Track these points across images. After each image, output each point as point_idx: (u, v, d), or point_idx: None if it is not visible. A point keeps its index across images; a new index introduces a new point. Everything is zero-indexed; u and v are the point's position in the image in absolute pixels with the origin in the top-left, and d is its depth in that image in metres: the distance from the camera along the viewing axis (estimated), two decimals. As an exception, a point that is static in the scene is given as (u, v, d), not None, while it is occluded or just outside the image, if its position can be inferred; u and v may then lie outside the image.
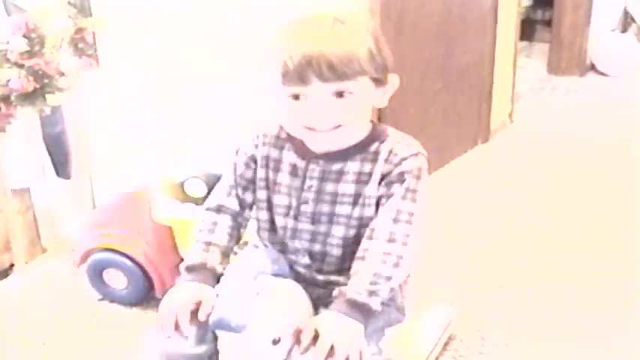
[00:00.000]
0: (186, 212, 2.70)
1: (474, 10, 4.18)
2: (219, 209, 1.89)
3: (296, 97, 1.66)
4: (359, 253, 1.72)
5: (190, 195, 2.71)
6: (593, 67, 6.12)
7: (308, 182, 1.80)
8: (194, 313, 1.70)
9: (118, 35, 3.12)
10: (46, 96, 2.90)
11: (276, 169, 1.85)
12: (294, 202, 1.82)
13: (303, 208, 1.81)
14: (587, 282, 3.04)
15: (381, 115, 3.32)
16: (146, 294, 2.84)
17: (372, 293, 1.65)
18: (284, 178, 1.83)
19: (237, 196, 1.88)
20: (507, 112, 4.84)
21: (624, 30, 6.38)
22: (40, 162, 3.28)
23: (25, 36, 2.79)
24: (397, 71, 1.76)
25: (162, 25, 3.11)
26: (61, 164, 3.35)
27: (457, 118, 4.25)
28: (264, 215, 1.89)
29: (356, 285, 1.66)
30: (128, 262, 2.78)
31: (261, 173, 1.86)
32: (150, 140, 3.26)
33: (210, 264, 1.80)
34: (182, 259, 2.60)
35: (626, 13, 6.41)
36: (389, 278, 1.68)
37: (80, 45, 2.98)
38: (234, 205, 1.89)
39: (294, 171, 1.82)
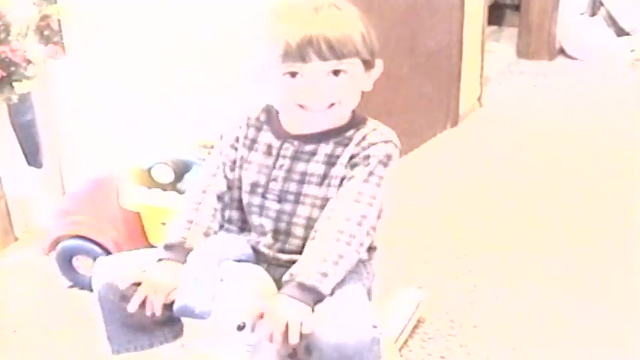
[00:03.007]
0: (153, 198, 2.70)
1: (441, -5, 4.19)
2: (204, 190, 1.92)
3: (293, 75, 1.72)
4: (314, 232, 1.76)
5: (157, 181, 2.72)
6: (562, 51, 6.15)
7: (280, 161, 1.85)
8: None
9: (84, 22, 3.11)
10: (14, 84, 2.90)
11: (251, 148, 1.90)
12: (262, 180, 1.86)
13: (271, 185, 1.85)
14: (557, 265, 3.07)
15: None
16: (116, 280, 2.84)
17: (322, 276, 1.67)
18: (257, 157, 1.88)
19: (225, 176, 1.92)
20: (476, 96, 4.86)
21: (593, 14, 6.41)
22: (11, 151, 3.27)
23: (-10, 24, 2.79)
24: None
25: (128, 10, 3.10)
26: (31, 153, 3.34)
27: (426, 102, 4.27)
28: (235, 194, 1.93)
29: (305, 268, 1.69)
30: (97, 249, 2.77)
31: (240, 153, 1.91)
32: (118, 127, 3.25)
33: (188, 244, 1.82)
34: (151, 245, 2.63)
35: (594, -3, 6.45)
36: (340, 256, 1.70)
37: (46, 32, 2.98)
38: (222, 185, 1.92)
39: (268, 150, 1.87)
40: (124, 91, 3.21)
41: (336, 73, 1.73)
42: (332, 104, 1.77)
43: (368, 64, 1.80)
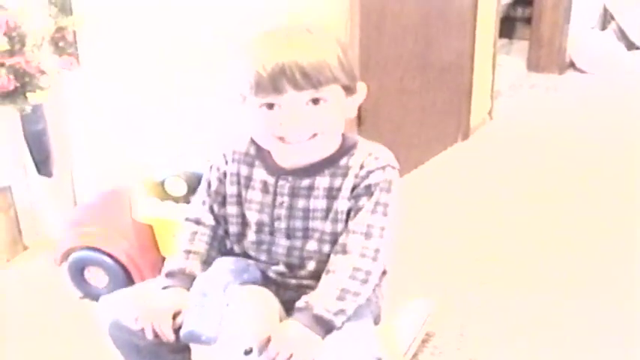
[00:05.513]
0: (166, 211, 2.71)
1: (453, 8, 4.20)
2: (197, 221, 1.91)
3: (270, 106, 1.66)
4: (330, 266, 1.74)
5: (170, 193, 2.73)
6: (572, 65, 6.16)
7: (279, 199, 1.81)
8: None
9: (99, 34, 3.12)
10: (27, 94, 2.90)
11: (247, 186, 1.85)
12: (266, 219, 1.83)
13: (277, 224, 1.82)
14: (568, 278, 3.06)
15: (361, 115, 3.32)
16: (127, 292, 2.85)
17: (338, 312, 1.68)
18: (255, 195, 1.84)
19: (212, 211, 1.90)
20: (487, 110, 4.86)
21: (603, 28, 6.43)
22: (22, 160, 3.28)
23: (5, 34, 2.80)
24: (377, 70, 1.79)
25: (142, 23, 3.12)
26: (42, 162, 3.34)
27: (437, 115, 4.27)
28: (235, 229, 1.89)
29: (323, 300, 1.68)
30: (109, 260, 2.78)
31: (231, 190, 1.87)
32: (130, 138, 3.26)
33: (189, 270, 1.82)
34: (163, 258, 2.64)
35: (605, 11, 6.46)
36: (356, 294, 1.71)
37: (61, 44, 2.99)
38: (210, 220, 1.90)
39: (264, 188, 1.83)
40: (137, 102, 3.22)
41: (315, 101, 1.66)
42: (314, 134, 1.70)
43: (349, 90, 1.73)
